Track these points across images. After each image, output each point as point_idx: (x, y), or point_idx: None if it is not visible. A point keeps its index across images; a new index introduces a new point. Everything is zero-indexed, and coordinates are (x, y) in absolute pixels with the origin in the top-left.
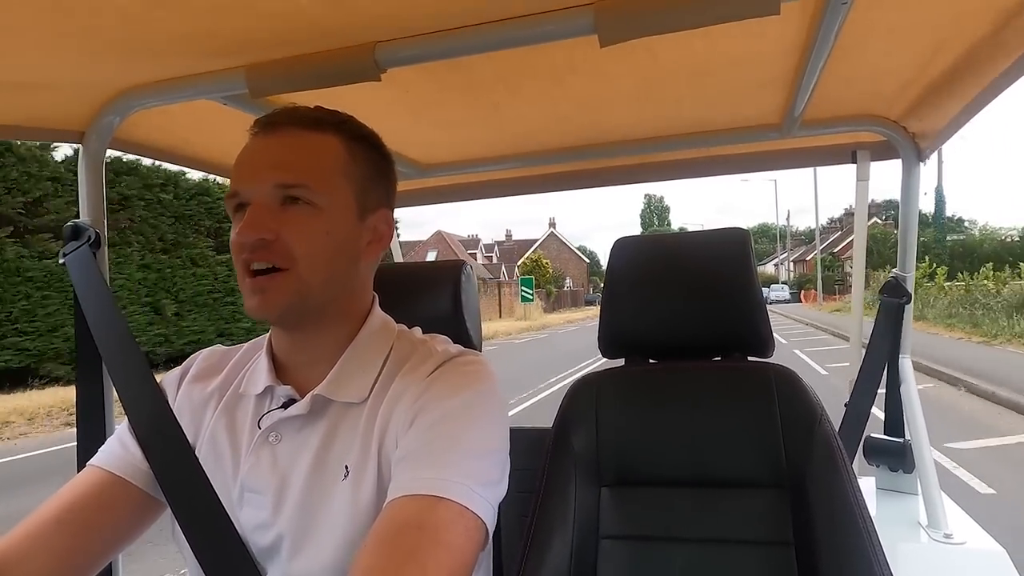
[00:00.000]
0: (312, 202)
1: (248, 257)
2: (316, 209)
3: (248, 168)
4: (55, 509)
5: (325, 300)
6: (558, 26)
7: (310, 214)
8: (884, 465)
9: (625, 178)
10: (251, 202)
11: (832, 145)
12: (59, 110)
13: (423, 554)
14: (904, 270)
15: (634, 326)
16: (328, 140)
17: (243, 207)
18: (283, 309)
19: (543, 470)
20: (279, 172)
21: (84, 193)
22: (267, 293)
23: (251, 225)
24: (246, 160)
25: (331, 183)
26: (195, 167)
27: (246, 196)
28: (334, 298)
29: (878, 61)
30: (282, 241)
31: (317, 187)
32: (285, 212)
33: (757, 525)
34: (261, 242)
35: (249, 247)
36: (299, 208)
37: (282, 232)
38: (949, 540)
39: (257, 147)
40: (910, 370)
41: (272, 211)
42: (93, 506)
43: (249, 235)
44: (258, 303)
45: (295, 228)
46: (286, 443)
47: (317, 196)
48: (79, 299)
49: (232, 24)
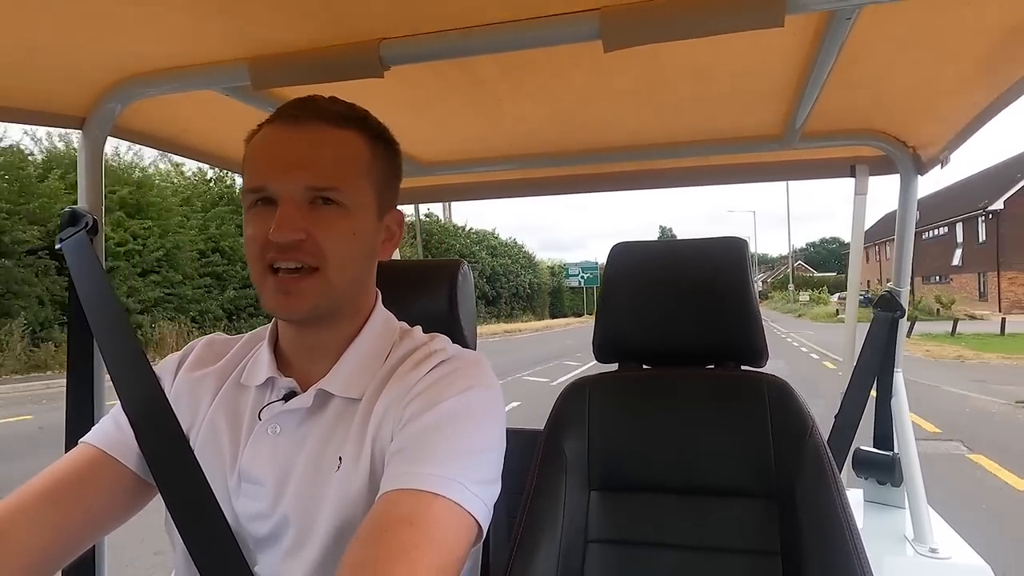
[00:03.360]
0: (341, 203)
1: (275, 256)
2: (344, 210)
3: (277, 164)
4: (43, 483)
5: (346, 299)
6: (563, 30)
7: (339, 215)
8: (872, 478)
9: (625, 184)
10: (280, 200)
11: (831, 158)
12: (61, 95)
13: (415, 550)
14: (899, 284)
15: (629, 331)
16: (353, 138)
17: (267, 201)
18: (309, 310)
19: (534, 472)
20: (311, 173)
21: (83, 179)
22: (293, 295)
23: (285, 225)
24: (273, 155)
25: (357, 184)
26: (194, 157)
27: (274, 192)
28: (352, 297)
29: (880, 77)
30: (313, 240)
31: (346, 188)
32: (315, 212)
33: (745, 534)
34: (294, 243)
35: (281, 247)
36: (329, 209)
37: (313, 232)
38: (935, 555)
39: (284, 141)
40: (901, 384)
41: (302, 210)
42: (82, 482)
43: (284, 235)
44: (284, 303)
45: (325, 228)
46: (286, 435)
47: (345, 197)
48: (74, 283)
49: (237, 15)
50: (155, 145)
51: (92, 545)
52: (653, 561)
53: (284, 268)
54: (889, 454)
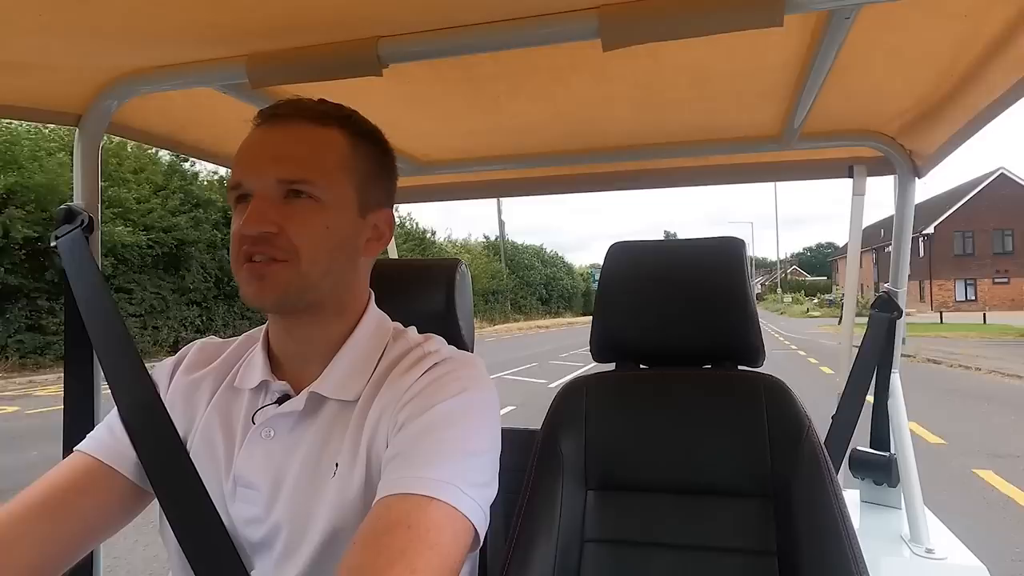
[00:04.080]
0: (314, 196)
1: (249, 249)
2: (318, 203)
3: (251, 160)
4: (38, 493)
5: (323, 294)
6: (562, 29)
7: (312, 208)
8: (869, 478)
9: (623, 184)
10: (254, 194)
11: (829, 159)
12: (57, 92)
13: (412, 555)
14: (896, 285)
15: (626, 331)
16: (332, 135)
17: (245, 198)
18: (280, 296)
19: (530, 471)
20: (282, 167)
21: (79, 177)
22: (265, 280)
23: (254, 219)
24: (249, 152)
25: (333, 178)
26: (192, 155)
27: (248, 188)
28: (332, 293)
29: (878, 77)
30: (284, 234)
31: (319, 181)
32: (288, 206)
33: (741, 534)
34: (264, 236)
35: (251, 240)
36: (302, 202)
37: (285, 225)
38: (931, 555)
39: (261, 139)
40: (898, 384)
41: (275, 204)
42: (77, 491)
43: (252, 228)
44: (256, 289)
45: (297, 222)
46: (280, 439)
47: (319, 190)
48: (69, 282)
49: (235, 12)
50: (152, 142)
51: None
52: (649, 561)
53: (257, 261)
54: (886, 455)
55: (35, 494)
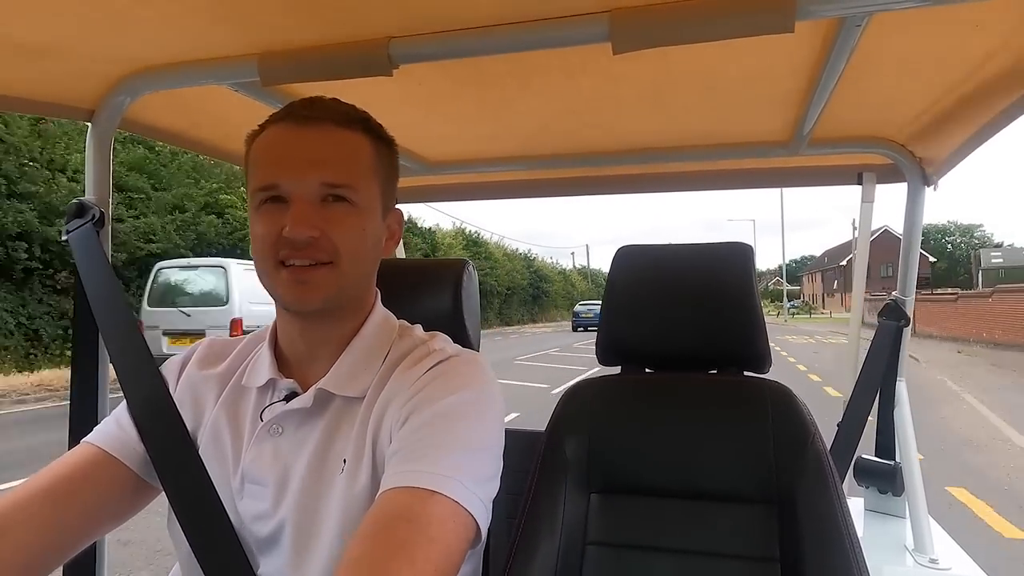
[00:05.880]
0: (352, 200)
1: (289, 254)
2: (355, 207)
3: (290, 162)
4: (43, 481)
5: (355, 294)
6: (573, 32)
7: (350, 212)
8: (873, 487)
9: (631, 187)
10: (293, 197)
11: (838, 166)
12: (70, 87)
13: (413, 547)
14: (904, 293)
15: (632, 335)
16: (359, 139)
17: (278, 199)
18: (323, 299)
19: (534, 473)
20: (324, 170)
21: (91, 172)
22: (309, 285)
23: (301, 223)
24: (285, 153)
25: (366, 182)
26: (203, 152)
27: (287, 190)
28: (359, 293)
29: (889, 84)
30: (327, 238)
31: (356, 185)
32: (327, 209)
33: (744, 540)
34: (309, 240)
35: (296, 244)
36: (341, 206)
37: (326, 229)
38: (935, 565)
39: (295, 140)
40: (904, 393)
41: (316, 208)
42: (82, 482)
43: (301, 233)
44: (300, 294)
45: (338, 226)
46: (288, 436)
47: (356, 195)
48: (80, 276)
49: (247, 11)
50: (163, 139)
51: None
52: (652, 565)
53: (298, 265)
54: (891, 463)
55: (40, 482)
